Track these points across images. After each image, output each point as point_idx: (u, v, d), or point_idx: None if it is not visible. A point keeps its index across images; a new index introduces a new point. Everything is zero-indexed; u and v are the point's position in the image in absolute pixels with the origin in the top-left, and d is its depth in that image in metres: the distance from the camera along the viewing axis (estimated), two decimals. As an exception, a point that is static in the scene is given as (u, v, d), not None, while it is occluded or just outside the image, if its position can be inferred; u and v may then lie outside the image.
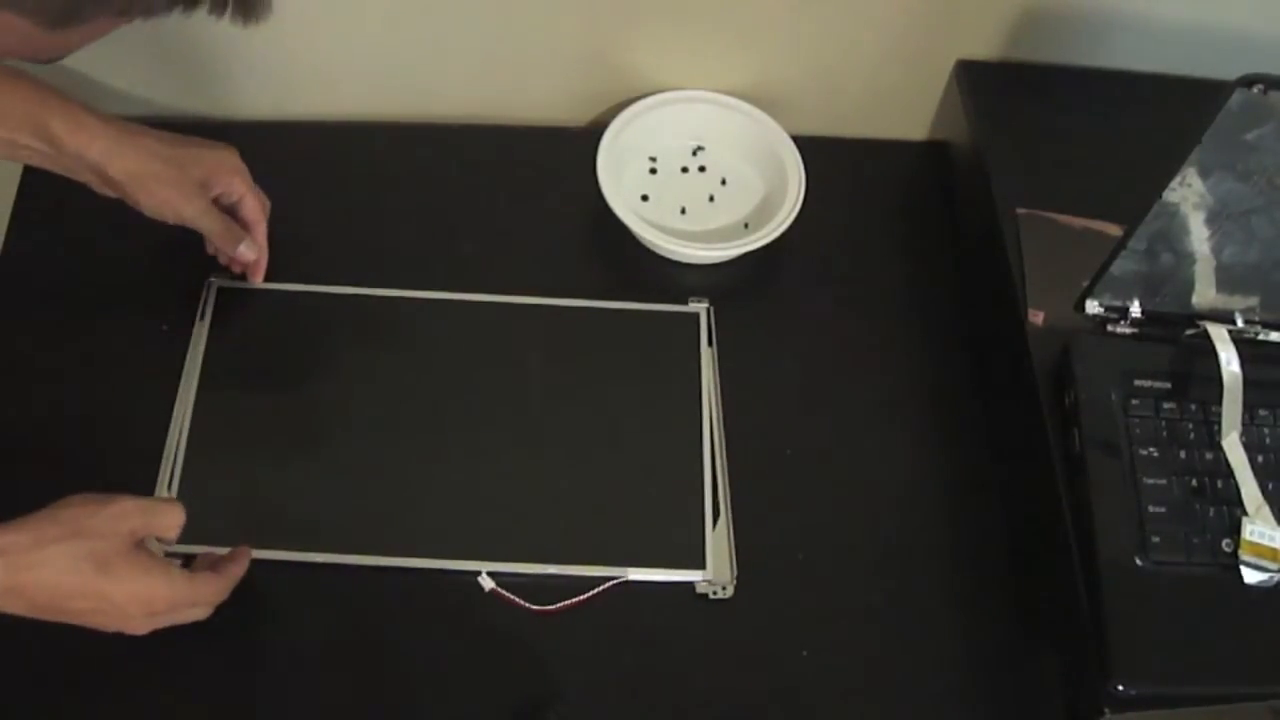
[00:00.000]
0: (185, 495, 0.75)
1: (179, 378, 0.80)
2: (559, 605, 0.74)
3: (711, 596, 0.75)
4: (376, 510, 0.76)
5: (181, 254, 0.83)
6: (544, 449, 0.80)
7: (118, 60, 0.88)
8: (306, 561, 0.74)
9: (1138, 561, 0.71)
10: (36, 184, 0.86)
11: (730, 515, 0.78)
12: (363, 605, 0.74)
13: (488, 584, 0.74)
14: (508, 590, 0.74)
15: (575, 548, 0.76)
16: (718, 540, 0.77)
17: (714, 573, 0.76)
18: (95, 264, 0.85)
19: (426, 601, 0.74)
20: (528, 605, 0.74)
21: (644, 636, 0.74)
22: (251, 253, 0.82)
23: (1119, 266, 0.76)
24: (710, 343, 0.85)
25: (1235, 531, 0.71)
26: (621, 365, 0.84)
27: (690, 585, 0.75)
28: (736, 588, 0.75)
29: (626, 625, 0.74)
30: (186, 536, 0.66)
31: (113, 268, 0.85)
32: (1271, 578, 0.70)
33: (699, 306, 0.87)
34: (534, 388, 0.82)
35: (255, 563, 0.71)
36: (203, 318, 0.83)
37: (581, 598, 0.74)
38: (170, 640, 0.66)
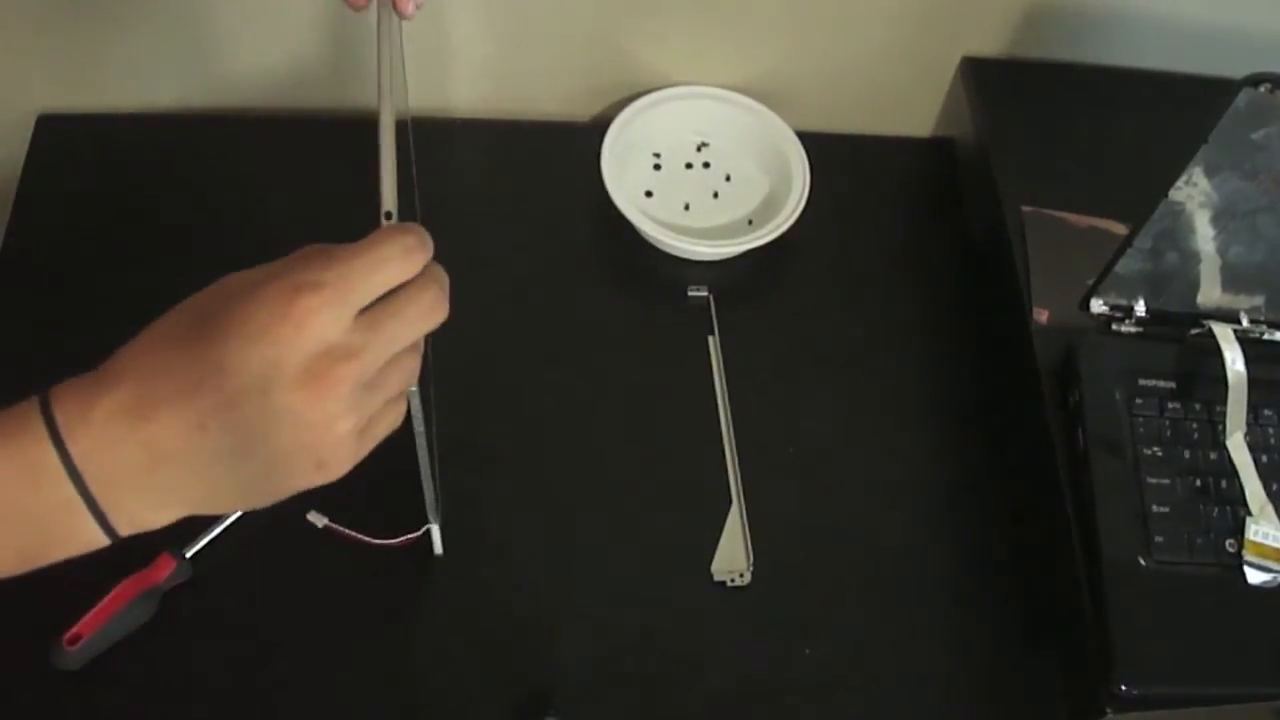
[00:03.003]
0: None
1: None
2: (400, 539, 0.72)
3: (729, 584, 0.75)
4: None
5: (182, 249, 0.83)
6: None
7: (115, 53, 0.88)
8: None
9: (1141, 561, 0.70)
10: (37, 181, 0.86)
11: (743, 503, 0.78)
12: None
13: (320, 521, 0.73)
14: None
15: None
16: (732, 526, 0.77)
17: (730, 560, 0.76)
18: (95, 261, 0.85)
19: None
20: (367, 539, 0.72)
21: (655, 622, 0.74)
22: None
23: (1124, 265, 0.75)
24: (713, 331, 0.85)
25: (1239, 532, 0.71)
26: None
27: (708, 572, 0.75)
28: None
29: (637, 610, 0.74)
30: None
31: (114, 264, 0.84)
32: (1275, 578, 0.70)
33: (700, 293, 0.87)
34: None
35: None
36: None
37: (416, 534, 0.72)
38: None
